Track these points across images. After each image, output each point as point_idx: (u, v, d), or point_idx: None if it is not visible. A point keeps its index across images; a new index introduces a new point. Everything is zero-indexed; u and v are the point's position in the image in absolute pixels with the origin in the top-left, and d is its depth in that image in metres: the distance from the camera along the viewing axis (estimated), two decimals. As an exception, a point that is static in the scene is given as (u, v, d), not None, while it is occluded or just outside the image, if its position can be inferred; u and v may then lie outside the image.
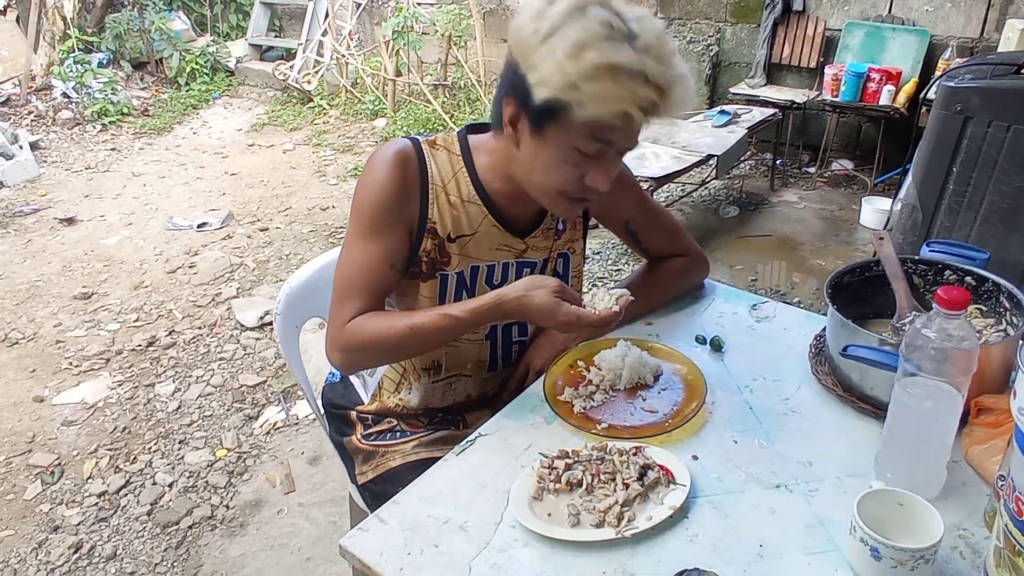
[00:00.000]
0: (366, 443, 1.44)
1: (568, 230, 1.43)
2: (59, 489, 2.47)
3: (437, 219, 1.29)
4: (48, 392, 2.97)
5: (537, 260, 1.40)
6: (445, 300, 1.33)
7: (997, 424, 1.06)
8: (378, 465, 1.41)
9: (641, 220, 1.50)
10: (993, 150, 2.21)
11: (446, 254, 1.31)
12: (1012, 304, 1.21)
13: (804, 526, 1.00)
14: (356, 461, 1.46)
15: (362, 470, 1.44)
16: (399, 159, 1.25)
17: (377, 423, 1.46)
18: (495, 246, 1.34)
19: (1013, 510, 0.82)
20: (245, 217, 4.58)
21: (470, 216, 1.31)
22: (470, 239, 1.32)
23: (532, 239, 1.38)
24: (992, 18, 4.23)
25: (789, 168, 5.00)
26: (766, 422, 1.20)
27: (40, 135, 5.92)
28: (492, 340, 1.43)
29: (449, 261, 1.31)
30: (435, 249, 1.30)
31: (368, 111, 6.37)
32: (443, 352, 1.39)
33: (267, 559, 2.19)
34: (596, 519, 1.00)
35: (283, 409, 2.82)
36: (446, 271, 1.32)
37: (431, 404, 1.44)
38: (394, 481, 1.33)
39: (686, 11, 5.31)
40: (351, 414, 1.49)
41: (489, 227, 1.33)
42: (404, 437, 1.42)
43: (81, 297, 3.67)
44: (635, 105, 1.09)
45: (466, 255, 1.33)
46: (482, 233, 1.33)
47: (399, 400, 1.44)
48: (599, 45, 1.06)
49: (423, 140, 1.31)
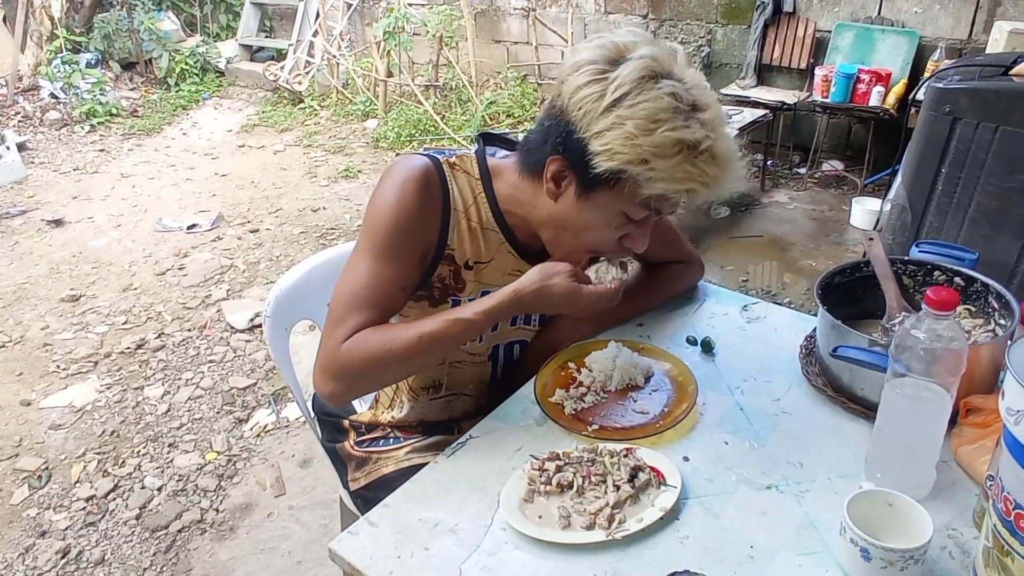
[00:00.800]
0: (359, 449, 1.43)
1: None
2: (46, 494, 2.45)
3: (456, 245, 1.25)
4: (35, 396, 2.95)
5: None
6: None
7: (986, 424, 1.07)
8: (371, 472, 1.40)
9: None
10: (981, 151, 2.22)
11: (461, 281, 1.28)
12: (1000, 304, 1.22)
13: (795, 527, 1.00)
14: (349, 467, 1.45)
15: (355, 476, 1.43)
16: (423, 180, 1.19)
17: (371, 431, 1.46)
18: (508, 271, 1.31)
19: (1001, 510, 0.82)
20: (235, 218, 4.57)
21: (488, 243, 1.28)
22: (486, 266, 1.29)
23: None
24: (980, 20, 4.26)
25: (780, 169, 5.01)
26: (757, 423, 1.20)
27: (27, 136, 5.88)
28: (494, 360, 1.42)
29: (464, 288, 1.28)
30: (450, 275, 1.27)
31: (359, 112, 6.36)
32: (445, 372, 1.38)
33: (257, 563, 2.18)
34: (587, 521, 1.00)
35: (273, 412, 2.81)
36: (459, 297, 1.28)
37: (427, 419, 1.44)
38: (387, 487, 1.31)
39: (677, 12, 5.32)
40: (343, 422, 1.48)
41: (505, 254, 1.31)
42: (397, 443, 1.41)
43: (69, 299, 3.65)
44: (702, 183, 1.08)
45: (480, 281, 1.30)
46: (498, 260, 1.30)
47: (393, 416, 1.43)
48: (671, 120, 1.04)
49: (443, 160, 1.25)
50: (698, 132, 1.06)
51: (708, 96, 1.10)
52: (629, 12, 5.54)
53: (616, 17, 5.62)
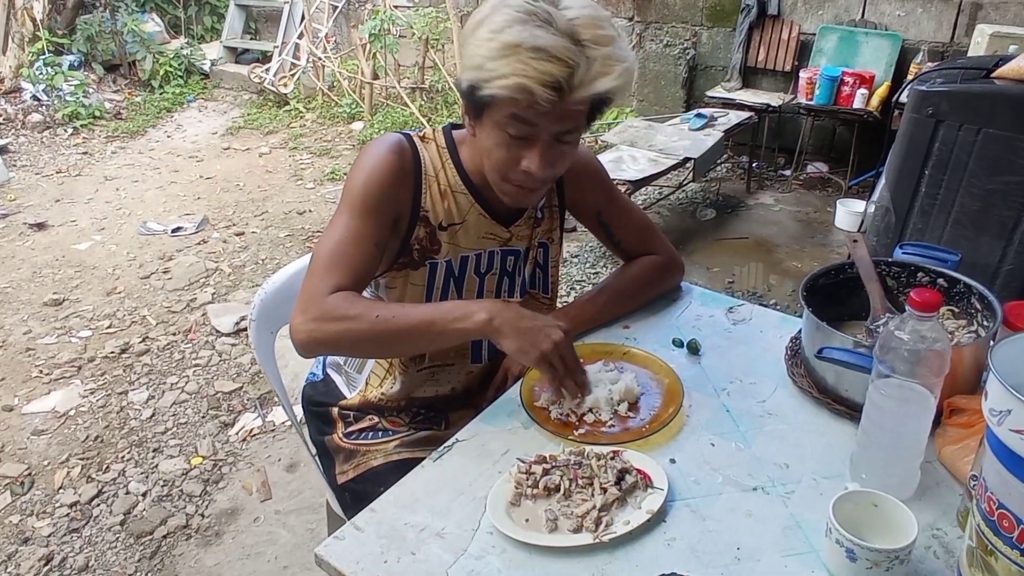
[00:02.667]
0: (347, 442, 1.44)
1: (546, 219, 1.46)
2: (29, 500, 2.43)
3: (430, 208, 1.33)
4: (18, 401, 2.92)
5: (520, 248, 1.43)
6: (434, 288, 1.36)
7: (969, 425, 1.07)
8: (359, 464, 1.41)
9: (612, 212, 1.52)
10: (964, 153, 2.24)
11: (437, 242, 1.34)
12: (983, 306, 1.23)
13: (781, 528, 1.00)
14: (337, 460, 1.45)
15: (343, 469, 1.43)
16: (396, 149, 1.30)
17: (359, 420, 1.46)
18: (482, 234, 1.38)
19: (985, 510, 0.82)
20: (220, 221, 4.54)
21: (459, 205, 1.35)
22: (460, 228, 1.36)
23: (516, 227, 1.41)
24: (962, 23, 4.30)
25: (765, 171, 5.04)
26: (743, 425, 1.20)
27: (9, 139, 5.82)
28: None
29: (439, 250, 1.35)
30: (427, 237, 1.33)
31: (345, 114, 6.34)
32: None
33: (243, 568, 2.17)
34: (574, 524, 1.00)
35: (259, 416, 2.79)
36: (436, 259, 1.35)
37: (413, 394, 1.44)
38: (375, 481, 1.33)
39: (662, 15, 5.34)
40: (332, 411, 1.49)
41: (477, 216, 1.37)
42: (386, 436, 1.42)
43: (52, 304, 3.61)
44: (535, 80, 1.10)
45: (456, 244, 1.36)
46: (470, 222, 1.36)
47: (382, 393, 1.44)
48: (512, 28, 1.10)
49: (414, 134, 1.36)
50: (536, 35, 1.09)
51: (575, 12, 1.13)
52: (614, 14, 5.55)
53: (602, 20, 5.63)
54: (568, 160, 1.27)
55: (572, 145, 1.25)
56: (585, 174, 1.48)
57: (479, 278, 1.41)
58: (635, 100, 5.65)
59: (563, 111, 1.16)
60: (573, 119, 1.20)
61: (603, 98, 1.20)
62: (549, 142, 1.20)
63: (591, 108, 1.22)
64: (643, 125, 4.47)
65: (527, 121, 1.17)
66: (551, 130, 1.19)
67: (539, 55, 1.09)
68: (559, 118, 1.18)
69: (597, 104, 1.22)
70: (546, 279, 1.51)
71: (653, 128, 4.38)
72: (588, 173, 1.49)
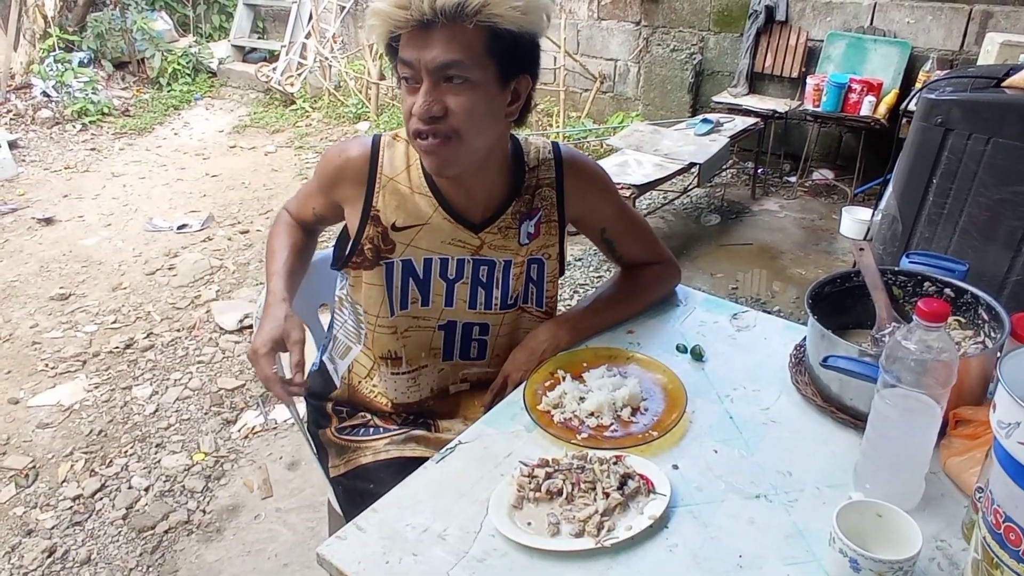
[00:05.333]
0: (340, 437, 1.46)
1: (543, 235, 1.41)
2: (33, 492, 2.43)
3: (381, 208, 1.33)
4: (23, 394, 2.92)
5: (496, 259, 1.39)
6: (392, 288, 1.37)
7: (975, 436, 1.07)
8: (350, 460, 1.42)
9: (618, 229, 1.49)
10: (972, 162, 2.23)
11: (390, 242, 1.35)
12: (990, 316, 1.22)
13: (783, 536, 1.00)
14: (330, 454, 1.47)
15: (335, 463, 1.45)
16: (353, 148, 1.36)
17: (351, 416, 1.48)
18: (448, 240, 1.35)
19: (991, 522, 0.82)
20: (226, 219, 4.55)
21: (419, 207, 1.33)
22: (419, 230, 1.34)
23: (487, 234, 1.36)
24: (972, 31, 4.29)
25: (770, 177, 5.03)
26: (746, 432, 1.20)
27: (19, 134, 5.84)
28: (448, 331, 1.43)
29: (393, 249, 1.35)
30: (378, 237, 1.34)
31: (351, 114, 6.34)
32: (400, 344, 1.41)
33: (244, 565, 2.17)
34: (576, 528, 1.00)
35: (262, 413, 2.79)
36: (391, 259, 1.35)
37: (398, 399, 1.45)
38: (365, 477, 1.36)
39: (669, 19, 5.33)
40: (327, 406, 1.51)
41: (440, 220, 1.34)
42: (377, 434, 1.43)
43: (58, 298, 3.63)
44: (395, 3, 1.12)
45: (415, 246, 1.35)
46: (433, 225, 1.34)
47: (371, 388, 1.46)
48: None
49: (386, 135, 1.37)
50: None
51: None
52: (622, 19, 5.56)
53: (609, 23, 5.63)
54: (465, 108, 1.15)
55: (464, 87, 1.15)
56: (590, 191, 1.43)
57: (446, 283, 1.38)
58: (641, 104, 5.65)
59: (435, 37, 1.12)
60: (449, 48, 1.12)
61: (496, 26, 1.12)
62: (435, 82, 1.14)
63: (490, 40, 1.14)
64: (648, 129, 4.46)
65: (406, 62, 1.15)
66: (427, 62, 1.13)
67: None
68: (431, 45, 1.12)
69: (498, 36, 1.14)
70: (541, 294, 1.47)
71: (659, 133, 4.38)
72: (593, 190, 1.44)
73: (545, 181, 1.40)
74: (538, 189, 1.39)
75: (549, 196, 1.40)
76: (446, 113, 1.16)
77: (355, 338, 1.46)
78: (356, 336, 1.46)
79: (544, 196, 1.40)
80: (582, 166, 1.43)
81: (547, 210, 1.40)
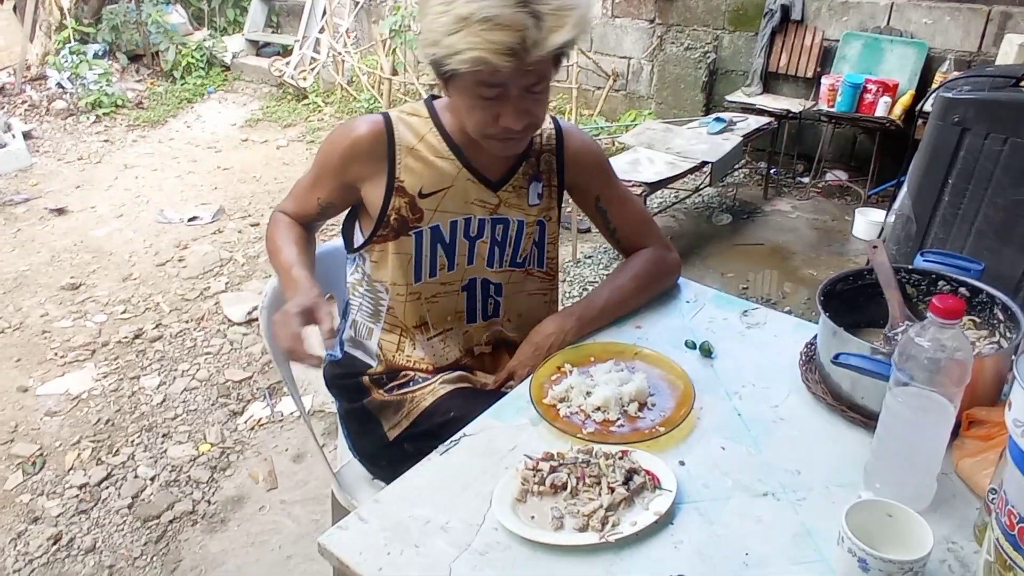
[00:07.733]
0: (392, 395, 1.46)
1: (545, 198, 1.49)
2: (40, 480, 2.44)
3: (405, 178, 1.36)
4: (32, 382, 2.94)
5: (511, 218, 1.45)
6: (422, 255, 1.40)
7: (989, 437, 1.05)
8: (410, 412, 1.43)
9: (611, 198, 1.54)
10: (989, 162, 2.20)
11: (418, 210, 1.37)
12: (1006, 316, 1.20)
13: (791, 535, 0.99)
14: (383, 418, 1.46)
15: (394, 422, 1.45)
16: (363, 124, 1.36)
17: (392, 379, 1.48)
18: (471, 200, 1.41)
19: (1005, 524, 0.80)
20: (236, 212, 4.55)
21: (443, 170, 1.38)
22: (445, 193, 1.38)
23: (504, 193, 1.43)
24: (991, 32, 4.24)
25: (783, 177, 5.00)
26: (754, 429, 1.18)
27: (33, 125, 5.87)
28: (469, 291, 1.47)
29: (422, 217, 1.38)
30: (405, 207, 1.37)
31: (363, 109, 6.34)
32: (425, 309, 1.45)
33: (247, 556, 2.17)
34: (580, 523, 0.99)
35: (268, 405, 2.79)
36: (420, 227, 1.38)
37: (438, 363, 1.48)
38: (433, 418, 1.38)
39: (684, 18, 5.31)
40: (363, 379, 1.50)
41: (464, 180, 1.40)
42: (427, 381, 1.45)
43: (69, 288, 3.64)
44: (489, 52, 1.13)
45: (442, 210, 1.39)
46: (458, 187, 1.39)
47: (407, 357, 1.47)
48: (452, 1, 1.13)
49: (395, 111, 1.41)
50: (482, 5, 1.12)
51: None
52: (636, 16, 5.53)
53: (623, 21, 5.61)
54: (544, 104, 1.29)
55: (544, 92, 1.28)
56: (586, 158, 1.51)
57: (469, 241, 1.43)
58: (654, 103, 5.62)
59: (526, 69, 1.19)
60: (538, 73, 1.22)
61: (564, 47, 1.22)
62: (520, 95, 1.24)
63: (556, 56, 1.24)
64: (661, 127, 4.44)
65: (493, 84, 1.21)
66: (519, 85, 1.23)
67: (488, 25, 1.12)
68: (524, 75, 1.21)
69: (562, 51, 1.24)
70: (542, 255, 1.54)
71: (671, 131, 4.35)
72: (589, 158, 1.52)
73: (547, 147, 1.49)
74: (542, 154, 1.48)
75: (550, 161, 1.49)
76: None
77: (374, 319, 1.48)
78: (375, 316, 1.48)
79: (547, 160, 1.49)
80: (578, 136, 1.53)
81: (549, 174, 1.49)
